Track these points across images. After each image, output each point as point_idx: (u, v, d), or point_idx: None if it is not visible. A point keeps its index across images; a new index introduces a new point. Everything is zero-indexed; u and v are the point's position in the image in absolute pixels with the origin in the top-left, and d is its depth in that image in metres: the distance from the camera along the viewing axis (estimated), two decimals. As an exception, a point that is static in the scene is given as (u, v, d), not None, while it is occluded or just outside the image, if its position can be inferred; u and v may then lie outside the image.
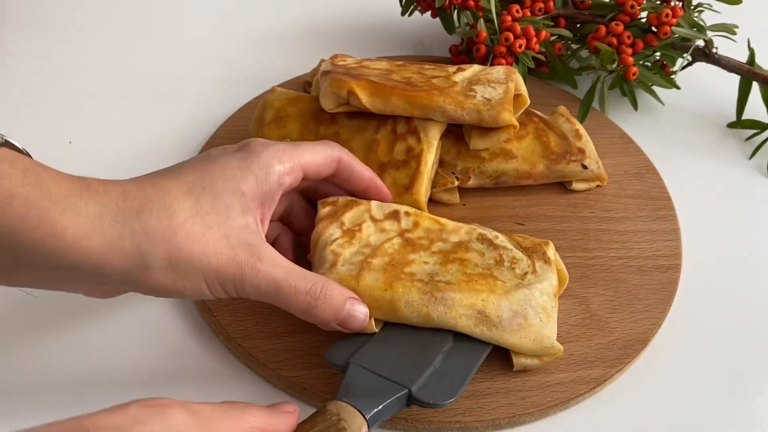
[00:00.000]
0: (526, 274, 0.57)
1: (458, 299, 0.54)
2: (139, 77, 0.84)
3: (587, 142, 0.70)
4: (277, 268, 0.50)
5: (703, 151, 0.77)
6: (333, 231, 0.58)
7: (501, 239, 0.59)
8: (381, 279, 0.54)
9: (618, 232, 0.66)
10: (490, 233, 0.60)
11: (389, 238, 0.58)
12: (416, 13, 0.86)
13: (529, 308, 0.54)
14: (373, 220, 0.60)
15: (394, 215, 0.60)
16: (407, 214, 0.60)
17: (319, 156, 0.56)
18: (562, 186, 0.70)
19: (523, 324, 0.54)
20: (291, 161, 0.54)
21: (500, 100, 0.64)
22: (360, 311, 0.53)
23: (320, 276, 0.53)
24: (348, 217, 0.59)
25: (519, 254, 0.58)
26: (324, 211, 0.59)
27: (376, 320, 0.55)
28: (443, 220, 0.61)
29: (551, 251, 0.59)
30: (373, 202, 0.61)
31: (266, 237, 0.54)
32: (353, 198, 0.61)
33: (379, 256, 0.56)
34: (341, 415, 0.46)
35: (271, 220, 0.57)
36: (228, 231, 0.49)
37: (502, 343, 0.54)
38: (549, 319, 0.55)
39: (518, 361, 0.55)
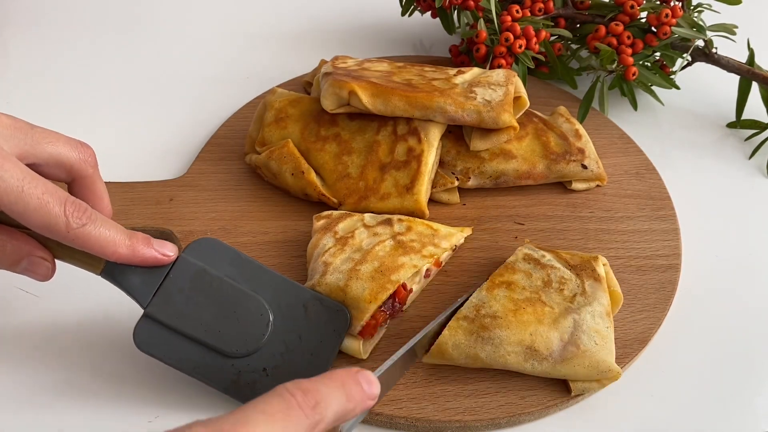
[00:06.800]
0: (575, 295, 0.56)
1: (506, 336, 0.53)
2: (140, 77, 0.84)
3: (587, 142, 0.70)
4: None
5: (702, 151, 0.77)
6: (326, 241, 0.59)
7: (548, 258, 0.58)
8: (368, 289, 0.55)
9: (618, 231, 0.66)
10: (537, 252, 0.59)
11: (382, 240, 0.59)
12: (416, 13, 0.86)
13: (582, 334, 0.54)
14: (366, 226, 0.60)
15: (387, 221, 0.61)
16: (400, 220, 0.61)
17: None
18: (562, 186, 0.70)
19: (576, 352, 0.53)
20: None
21: (500, 101, 0.65)
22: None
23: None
24: (342, 227, 0.60)
25: (567, 273, 0.57)
26: (318, 224, 0.61)
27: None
28: (436, 225, 0.61)
29: (600, 267, 0.58)
30: (367, 213, 0.62)
31: None
32: (347, 211, 0.62)
33: (369, 262, 0.56)
34: None
35: None
36: None
37: (556, 375, 0.54)
38: (604, 342, 0.54)
39: (576, 386, 0.54)
